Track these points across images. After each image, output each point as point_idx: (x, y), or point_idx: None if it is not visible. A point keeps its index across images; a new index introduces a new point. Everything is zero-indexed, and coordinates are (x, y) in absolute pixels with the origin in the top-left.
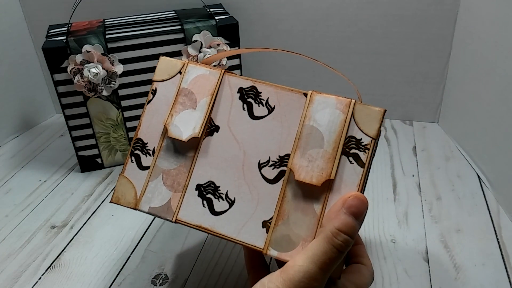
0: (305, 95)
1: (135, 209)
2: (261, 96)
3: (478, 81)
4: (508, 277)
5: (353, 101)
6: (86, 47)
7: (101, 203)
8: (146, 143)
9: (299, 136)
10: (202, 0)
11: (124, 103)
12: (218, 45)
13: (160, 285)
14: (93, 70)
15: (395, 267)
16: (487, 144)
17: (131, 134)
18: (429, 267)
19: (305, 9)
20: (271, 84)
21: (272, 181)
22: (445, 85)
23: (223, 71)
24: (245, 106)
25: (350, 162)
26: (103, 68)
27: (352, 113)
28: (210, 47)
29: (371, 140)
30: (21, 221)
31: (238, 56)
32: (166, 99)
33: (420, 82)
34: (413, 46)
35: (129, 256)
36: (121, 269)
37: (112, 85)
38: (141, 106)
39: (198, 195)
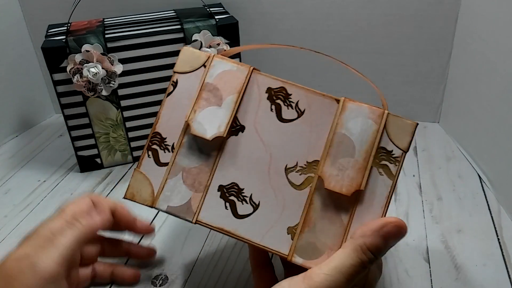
0: (337, 101)
1: (152, 207)
2: (290, 98)
3: (479, 81)
4: (509, 278)
5: (386, 112)
6: (86, 47)
7: None
8: (165, 138)
9: (330, 144)
10: (202, 0)
11: (123, 103)
12: (218, 44)
13: (160, 285)
14: (92, 69)
15: (395, 267)
16: (488, 144)
17: (130, 134)
18: (430, 267)
19: (305, 8)
20: (302, 87)
21: (299, 187)
22: (446, 85)
23: (251, 68)
24: (273, 107)
25: (380, 173)
26: (102, 68)
27: (385, 125)
28: (210, 46)
29: (402, 153)
30: (21, 221)
31: (238, 55)
32: (189, 93)
33: (421, 82)
34: (414, 45)
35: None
36: None
37: (111, 85)
38: (141, 106)
39: (221, 197)
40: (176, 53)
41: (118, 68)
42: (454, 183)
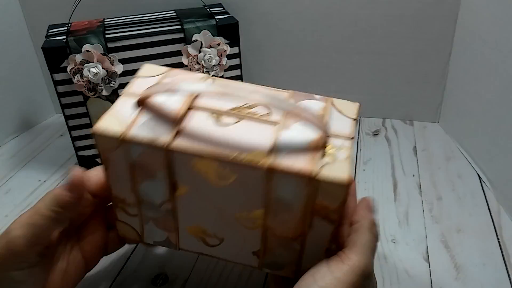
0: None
1: (143, 242)
2: (219, 169)
3: (479, 81)
4: (509, 277)
5: (314, 176)
6: (86, 47)
7: None
8: (123, 199)
9: (268, 205)
10: (202, 0)
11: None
12: (218, 44)
13: (160, 285)
14: (93, 69)
15: (395, 267)
16: (487, 144)
17: None
18: (429, 267)
19: (305, 8)
20: (227, 160)
21: (251, 228)
22: (446, 85)
23: (167, 150)
24: (205, 176)
25: (322, 219)
26: (103, 68)
27: (317, 187)
28: (210, 46)
29: (338, 205)
30: None
31: (238, 55)
32: (121, 168)
33: (421, 82)
34: (414, 46)
35: (129, 256)
36: (121, 269)
37: (112, 85)
38: None
39: (190, 234)
40: (176, 53)
41: (119, 68)
42: (454, 183)
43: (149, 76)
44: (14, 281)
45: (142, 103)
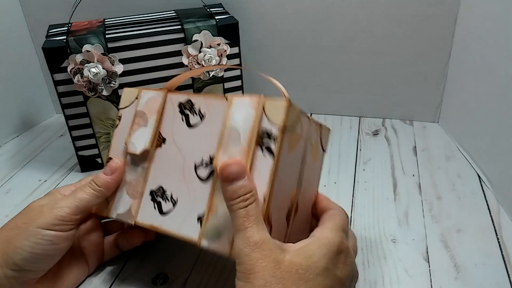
0: (227, 99)
1: (107, 217)
2: (195, 107)
3: (479, 81)
4: (509, 277)
5: (262, 97)
6: (86, 47)
7: None
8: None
9: (222, 136)
10: (202, 0)
11: None
12: (219, 44)
13: (160, 285)
14: (93, 69)
15: (395, 266)
16: (487, 143)
17: None
18: (429, 267)
19: (305, 8)
20: (203, 95)
21: (205, 180)
22: (446, 85)
23: (166, 91)
24: (183, 117)
25: (263, 155)
26: (103, 68)
27: (263, 109)
28: (210, 46)
29: (279, 132)
30: None
31: (238, 55)
32: (128, 122)
33: (420, 82)
34: (413, 46)
35: (129, 256)
36: (121, 269)
37: (112, 85)
38: None
39: (151, 200)
40: (176, 53)
41: (119, 68)
42: (454, 183)
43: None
44: (44, 237)
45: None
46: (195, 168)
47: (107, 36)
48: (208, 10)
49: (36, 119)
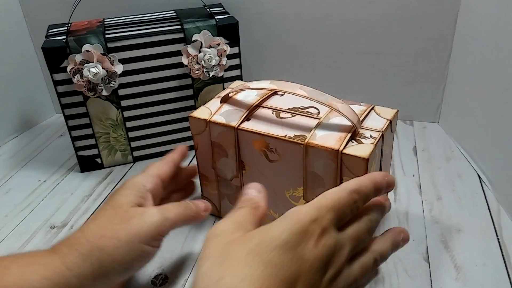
0: (301, 145)
1: (220, 217)
2: (270, 146)
3: (479, 81)
4: (509, 277)
5: (340, 152)
6: (86, 47)
7: (101, 203)
8: (207, 177)
9: (306, 180)
10: (202, 0)
11: (123, 103)
12: (218, 44)
13: (160, 285)
14: (92, 69)
15: (395, 267)
16: (487, 144)
17: (131, 134)
18: (429, 267)
19: (305, 8)
20: (275, 137)
21: (297, 204)
22: (446, 85)
23: (236, 129)
24: (261, 153)
25: None
26: (102, 68)
27: (342, 161)
28: (210, 46)
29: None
30: (21, 221)
31: (238, 55)
32: (206, 148)
33: (420, 82)
34: (413, 46)
35: None
36: None
37: (111, 85)
38: (141, 106)
39: None
40: (176, 53)
41: (118, 68)
42: (454, 183)
43: (233, 88)
44: (143, 253)
45: (224, 101)
46: (285, 192)
47: (106, 36)
48: (208, 10)
49: (36, 119)
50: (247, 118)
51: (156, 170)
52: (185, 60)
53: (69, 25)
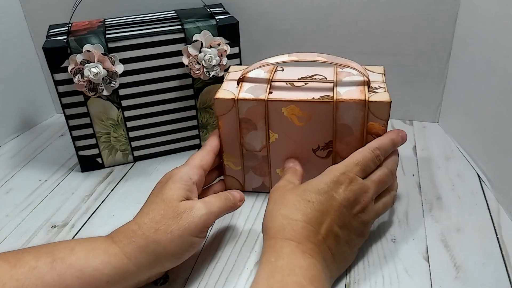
0: (331, 102)
1: (244, 191)
2: (300, 110)
3: (479, 81)
4: (509, 277)
5: (367, 100)
6: (87, 47)
7: (102, 202)
8: (232, 154)
9: (335, 131)
10: (202, 0)
11: (124, 102)
12: (219, 44)
13: (160, 285)
14: (93, 69)
15: (395, 266)
16: (487, 143)
17: (131, 134)
18: (429, 267)
19: (305, 8)
20: (305, 100)
21: (324, 158)
22: (445, 85)
23: (267, 101)
24: (289, 119)
25: (373, 137)
26: (103, 68)
27: (368, 108)
28: (210, 46)
29: (384, 122)
30: (22, 221)
31: (238, 55)
32: (232, 126)
33: (420, 82)
34: (413, 46)
35: None
36: None
37: (112, 85)
38: (142, 105)
39: (280, 176)
40: (176, 53)
41: (119, 68)
42: (454, 183)
43: (235, 71)
44: (193, 245)
45: (241, 80)
46: (314, 151)
47: (107, 36)
48: (208, 10)
49: (36, 119)
50: (269, 91)
51: (199, 161)
52: (185, 60)
53: (70, 25)
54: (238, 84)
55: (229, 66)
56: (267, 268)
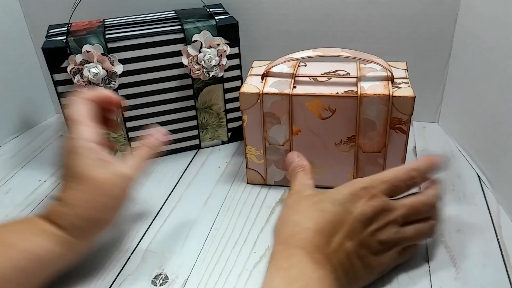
0: (355, 97)
1: (265, 184)
2: (325, 105)
3: (479, 81)
4: (508, 277)
5: (391, 96)
6: (86, 47)
7: None
8: (254, 148)
9: (359, 126)
10: (202, 0)
11: (124, 103)
12: (218, 45)
13: (160, 285)
14: (93, 70)
15: (395, 267)
16: (487, 144)
17: (131, 134)
18: (429, 267)
19: (305, 9)
20: (329, 95)
21: (346, 152)
22: (445, 85)
23: (291, 96)
24: (313, 113)
25: (397, 132)
26: (103, 68)
27: (392, 103)
28: (210, 47)
29: (408, 117)
30: None
31: (238, 56)
32: (256, 120)
33: (420, 82)
34: (413, 46)
35: (129, 256)
36: (121, 269)
37: (112, 85)
38: (142, 106)
39: None
40: (176, 54)
41: (119, 68)
42: (453, 183)
43: (258, 66)
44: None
45: (265, 75)
46: (335, 145)
47: (107, 36)
48: (208, 10)
49: (36, 119)
50: (294, 86)
51: (85, 115)
52: (185, 60)
53: (69, 25)
54: (262, 78)
55: (228, 66)
56: (280, 274)
